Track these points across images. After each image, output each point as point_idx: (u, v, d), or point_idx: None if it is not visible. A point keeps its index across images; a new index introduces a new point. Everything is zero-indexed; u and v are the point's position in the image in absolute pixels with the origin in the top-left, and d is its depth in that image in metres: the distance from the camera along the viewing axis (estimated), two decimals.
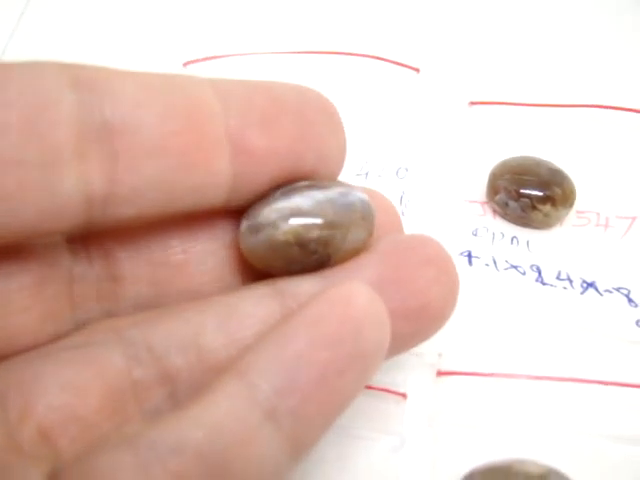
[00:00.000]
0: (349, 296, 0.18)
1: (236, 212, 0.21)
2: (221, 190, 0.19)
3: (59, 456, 0.17)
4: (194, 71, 0.34)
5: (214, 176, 0.19)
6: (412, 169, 0.31)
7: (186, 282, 0.21)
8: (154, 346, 0.19)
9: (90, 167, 0.17)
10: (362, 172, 0.31)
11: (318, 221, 0.19)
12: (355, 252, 0.20)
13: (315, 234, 0.19)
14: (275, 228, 0.19)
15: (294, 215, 0.19)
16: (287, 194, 0.20)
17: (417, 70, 0.34)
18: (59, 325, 0.20)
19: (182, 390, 0.19)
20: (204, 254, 0.21)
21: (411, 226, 0.30)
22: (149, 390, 0.19)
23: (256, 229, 0.19)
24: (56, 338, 0.19)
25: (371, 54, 0.34)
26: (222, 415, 0.17)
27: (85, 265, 0.20)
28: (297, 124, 0.19)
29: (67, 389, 0.18)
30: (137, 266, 0.21)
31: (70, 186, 0.17)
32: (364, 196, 0.21)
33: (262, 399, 0.17)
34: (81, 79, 0.17)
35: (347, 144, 0.21)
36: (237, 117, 0.19)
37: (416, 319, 0.20)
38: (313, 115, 0.20)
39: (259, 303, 0.19)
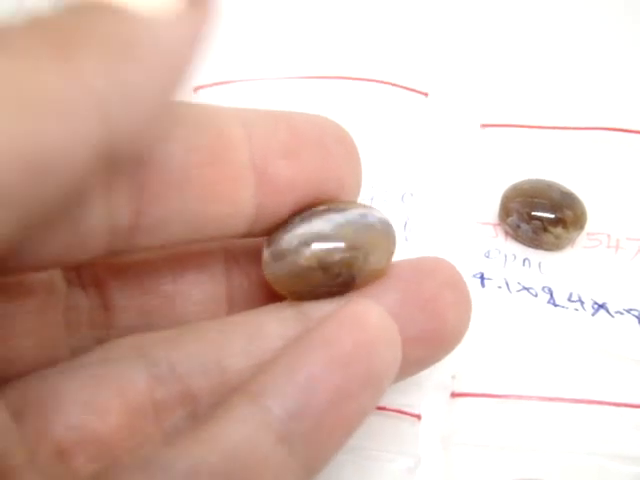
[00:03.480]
0: (361, 316, 0.18)
1: (225, 247, 0.22)
2: (245, 220, 0.20)
3: (76, 476, 0.18)
4: (204, 96, 0.34)
5: (238, 207, 0.19)
6: (418, 194, 0.32)
7: (175, 312, 0.21)
8: (177, 366, 0.19)
9: (117, 200, 0.18)
10: (368, 197, 0.32)
11: (340, 244, 0.20)
12: (379, 272, 0.21)
13: (338, 257, 0.20)
14: (298, 254, 0.20)
15: (315, 240, 0.20)
16: (307, 219, 0.20)
17: (426, 94, 0.34)
18: (56, 350, 0.20)
19: (203, 410, 0.19)
20: (193, 284, 0.21)
21: (415, 251, 0.30)
22: (170, 410, 0.19)
23: (279, 256, 0.20)
24: (52, 363, 0.20)
25: (379, 79, 0.34)
26: (236, 439, 0.17)
27: (79, 293, 0.21)
28: (318, 154, 0.20)
29: (86, 408, 0.18)
30: (128, 296, 0.21)
31: (96, 220, 0.17)
32: (383, 216, 0.21)
33: (276, 423, 0.17)
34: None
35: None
36: (261, 148, 0.19)
37: (433, 342, 0.20)
38: (332, 145, 0.20)
39: (283, 325, 0.20)
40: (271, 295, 0.21)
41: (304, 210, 0.20)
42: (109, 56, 0.14)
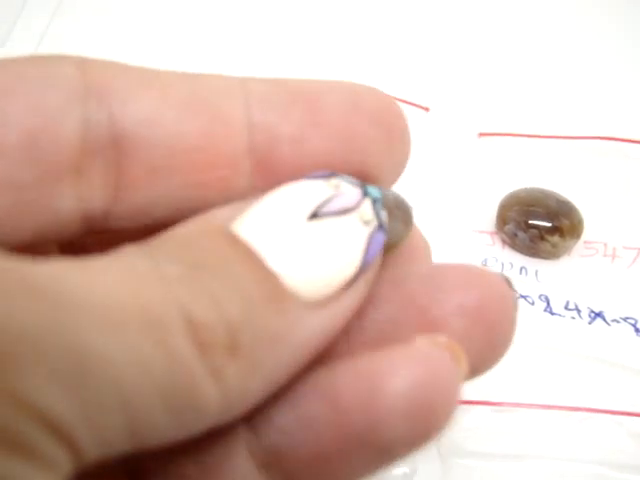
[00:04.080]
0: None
1: None
2: None
3: None
4: None
5: (230, 194, 0.17)
6: (416, 205, 0.32)
7: None
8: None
9: (90, 186, 0.17)
10: None
11: None
12: (395, 245, 0.19)
13: None
14: None
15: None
16: None
17: (427, 109, 0.34)
18: None
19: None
20: None
21: None
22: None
23: None
24: None
25: None
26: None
27: None
28: (337, 138, 0.17)
29: None
30: None
31: (68, 205, 0.16)
32: (397, 193, 0.20)
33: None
34: (94, 86, 0.16)
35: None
36: (264, 132, 0.17)
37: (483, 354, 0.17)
38: (362, 125, 0.17)
39: None
40: None
41: None
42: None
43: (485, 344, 0.17)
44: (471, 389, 0.27)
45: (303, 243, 0.15)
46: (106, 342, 0.13)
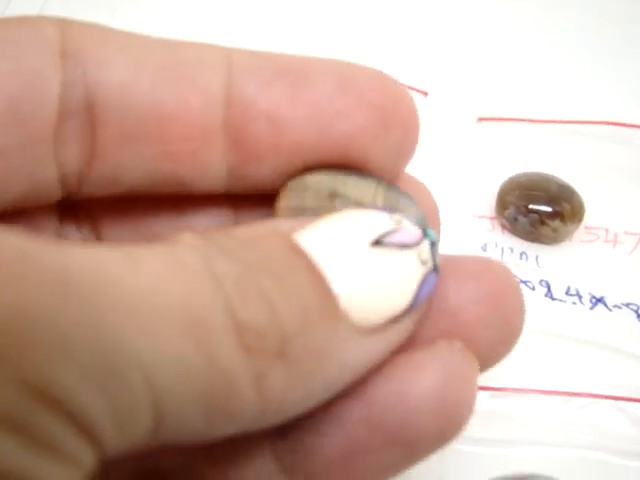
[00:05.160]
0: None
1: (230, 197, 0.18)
2: (214, 181, 0.17)
3: None
4: None
5: (202, 168, 0.17)
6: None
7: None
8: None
9: (66, 150, 0.16)
10: None
11: None
12: None
13: None
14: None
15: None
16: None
17: (425, 93, 0.34)
18: None
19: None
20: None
21: None
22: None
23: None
24: None
25: None
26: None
27: (71, 229, 0.19)
28: (320, 119, 0.16)
29: None
30: (121, 234, 0.19)
31: (48, 170, 0.16)
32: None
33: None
34: (71, 48, 0.16)
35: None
36: (243, 106, 0.16)
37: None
38: (350, 108, 0.16)
39: None
40: None
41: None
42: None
43: (500, 332, 0.17)
44: None
45: (364, 267, 0.15)
46: (142, 339, 0.12)
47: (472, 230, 0.30)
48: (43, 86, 0.16)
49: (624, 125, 0.32)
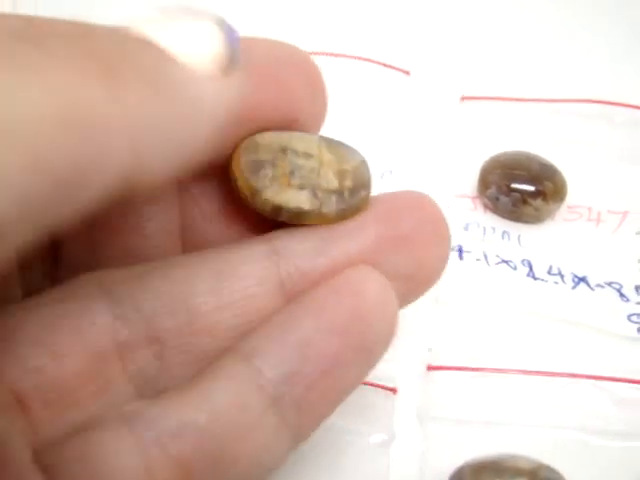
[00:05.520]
0: (360, 285, 0.18)
1: None
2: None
3: (34, 421, 0.17)
4: None
5: None
6: (397, 172, 0.31)
7: (126, 246, 0.20)
8: (143, 305, 0.18)
9: None
10: None
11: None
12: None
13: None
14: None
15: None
16: None
17: (407, 73, 0.34)
18: (7, 287, 0.19)
19: (169, 351, 0.18)
20: (144, 217, 0.20)
21: None
22: (135, 352, 0.18)
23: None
24: (5, 300, 0.18)
25: (362, 56, 0.34)
26: (225, 399, 0.17)
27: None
28: (266, 87, 0.19)
29: (43, 350, 0.17)
30: (74, 228, 0.19)
31: None
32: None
33: (267, 386, 0.17)
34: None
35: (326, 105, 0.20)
36: None
37: (411, 280, 0.19)
38: (283, 72, 0.19)
39: (254, 262, 0.19)
40: (227, 230, 0.20)
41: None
42: (151, 87, 0.14)
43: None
44: (452, 354, 0.27)
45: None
46: None
47: (454, 209, 0.30)
48: None
49: (606, 103, 0.31)
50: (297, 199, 0.19)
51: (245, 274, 0.18)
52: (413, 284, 0.19)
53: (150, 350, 0.18)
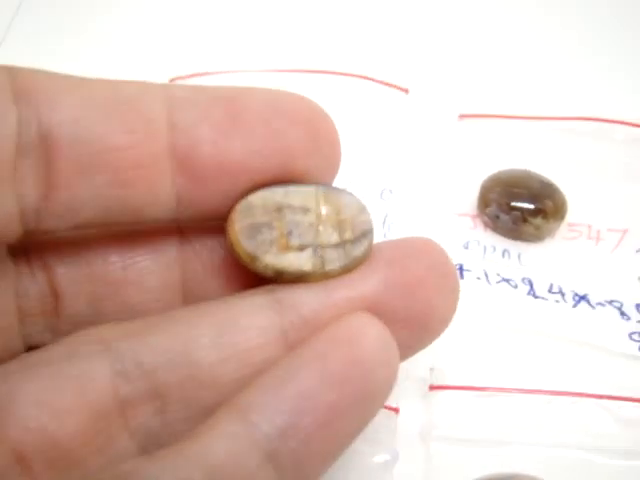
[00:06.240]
0: (358, 332, 0.17)
1: (180, 228, 0.20)
2: (164, 207, 0.18)
3: None
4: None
5: (155, 194, 0.18)
6: (397, 191, 0.31)
7: (127, 300, 0.20)
8: (143, 361, 0.18)
9: (25, 184, 0.17)
10: None
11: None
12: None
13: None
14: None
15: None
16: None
17: (406, 91, 0.34)
18: (9, 340, 0.19)
19: (172, 406, 0.18)
20: (145, 271, 0.20)
21: None
22: (137, 408, 0.18)
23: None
24: (6, 353, 0.19)
25: (360, 74, 0.34)
26: (222, 456, 0.16)
27: (29, 280, 0.20)
28: (258, 139, 0.18)
29: (44, 409, 0.17)
30: (76, 282, 0.20)
31: (9, 205, 0.17)
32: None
33: (263, 440, 0.16)
34: (23, 90, 0.17)
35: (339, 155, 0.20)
36: (185, 132, 0.18)
37: (418, 328, 0.19)
38: (285, 124, 0.18)
39: (256, 314, 0.18)
40: (228, 283, 0.20)
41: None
42: None
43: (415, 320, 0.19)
44: (454, 374, 0.27)
45: None
46: None
47: (454, 228, 0.30)
48: (2, 121, 0.17)
49: (606, 121, 0.31)
50: (298, 262, 0.18)
51: (247, 325, 0.18)
52: (422, 331, 0.19)
53: (152, 405, 0.18)
